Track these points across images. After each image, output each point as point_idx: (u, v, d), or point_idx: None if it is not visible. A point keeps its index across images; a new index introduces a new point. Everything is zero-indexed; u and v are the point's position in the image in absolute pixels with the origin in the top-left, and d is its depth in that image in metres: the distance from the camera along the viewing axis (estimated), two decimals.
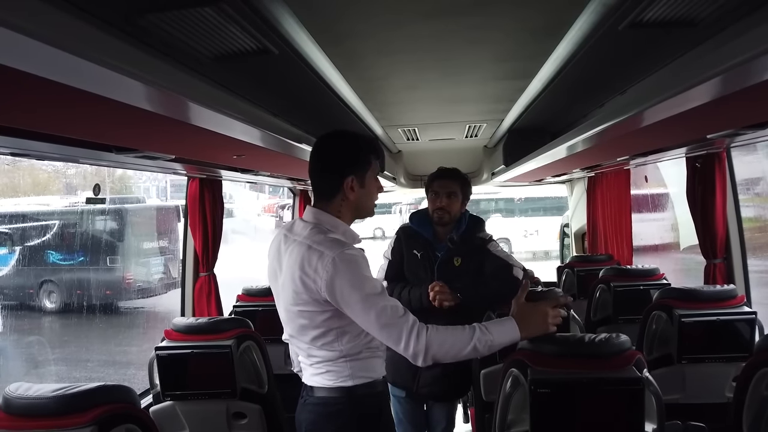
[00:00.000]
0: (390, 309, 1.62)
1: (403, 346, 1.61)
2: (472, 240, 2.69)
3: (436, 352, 1.61)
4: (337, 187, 1.73)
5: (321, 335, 1.68)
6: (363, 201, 1.78)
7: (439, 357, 1.63)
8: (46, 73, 0.93)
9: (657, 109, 1.55)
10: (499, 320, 1.73)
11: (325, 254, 1.61)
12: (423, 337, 1.60)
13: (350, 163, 1.74)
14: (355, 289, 1.60)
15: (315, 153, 1.80)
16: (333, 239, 1.66)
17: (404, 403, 2.74)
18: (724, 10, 1.35)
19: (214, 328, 2.40)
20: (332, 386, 1.72)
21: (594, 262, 4.24)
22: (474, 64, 2.18)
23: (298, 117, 2.40)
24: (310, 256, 1.63)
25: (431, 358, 1.62)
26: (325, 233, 1.68)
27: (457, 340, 1.64)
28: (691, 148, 2.73)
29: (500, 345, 1.69)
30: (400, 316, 1.62)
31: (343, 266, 1.60)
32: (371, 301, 1.61)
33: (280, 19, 1.47)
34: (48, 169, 9.83)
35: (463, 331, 1.65)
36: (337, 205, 1.75)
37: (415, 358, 1.62)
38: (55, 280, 8.55)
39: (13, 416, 1.50)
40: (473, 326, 1.66)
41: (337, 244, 1.64)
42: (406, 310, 1.65)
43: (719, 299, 2.44)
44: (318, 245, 1.64)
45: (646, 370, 1.71)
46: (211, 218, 3.31)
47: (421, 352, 1.60)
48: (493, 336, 1.66)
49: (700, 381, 2.44)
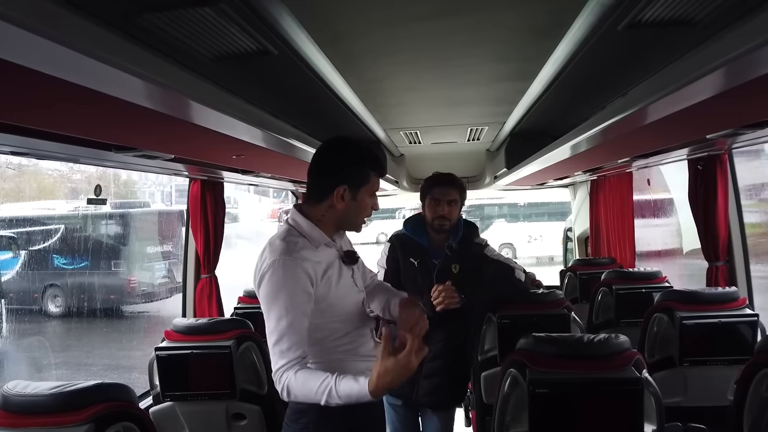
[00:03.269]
0: (276, 340, 1.57)
1: (273, 376, 1.59)
2: (470, 246, 2.67)
3: (294, 397, 1.57)
4: (327, 193, 1.69)
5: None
6: (350, 214, 1.72)
7: (297, 399, 1.58)
8: (48, 69, 0.94)
9: (658, 107, 1.55)
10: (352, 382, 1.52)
11: (266, 256, 1.61)
12: (284, 381, 1.56)
13: (346, 173, 1.69)
14: (267, 298, 1.59)
15: (316, 154, 1.78)
16: (286, 243, 1.62)
17: (400, 412, 2.71)
18: (722, 9, 1.35)
19: (214, 328, 2.40)
20: None
21: (596, 265, 4.24)
22: (474, 65, 2.18)
23: (297, 118, 2.40)
24: (261, 255, 1.64)
25: (288, 398, 1.58)
26: (289, 236, 1.65)
27: (311, 393, 1.53)
28: (692, 150, 2.73)
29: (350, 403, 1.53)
30: (277, 353, 1.57)
31: (268, 274, 1.58)
32: (269, 319, 1.59)
33: (280, 19, 1.47)
34: (53, 174, 9.90)
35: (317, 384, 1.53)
36: (322, 210, 1.71)
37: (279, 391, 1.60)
38: (59, 285, 8.58)
39: (12, 413, 1.51)
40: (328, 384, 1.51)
41: (283, 250, 1.60)
42: (293, 346, 1.57)
43: (721, 301, 2.43)
44: (270, 245, 1.64)
45: (645, 371, 1.71)
46: (212, 220, 3.32)
47: (279, 391, 1.58)
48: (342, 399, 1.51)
49: (701, 384, 2.43)
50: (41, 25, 0.83)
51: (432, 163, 3.95)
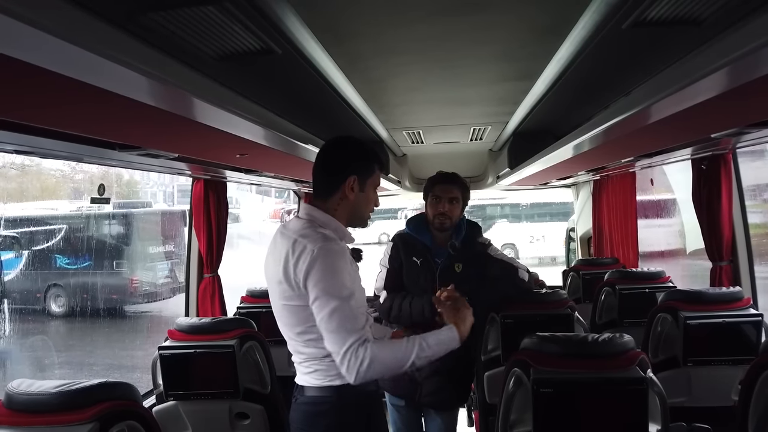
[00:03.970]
0: (344, 317, 1.59)
1: (338, 360, 1.60)
2: (473, 246, 2.67)
3: (366, 377, 1.59)
4: (338, 184, 1.75)
5: (306, 331, 1.67)
6: (359, 206, 1.80)
7: (373, 375, 1.61)
8: (52, 66, 0.94)
9: (661, 106, 1.55)
10: (438, 331, 1.71)
11: (308, 247, 1.62)
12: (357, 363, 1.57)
13: (355, 163, 1.77)
14: (320, 283, 1.60)
15: (321, 151, 1.83)
16: (320, 233, 1.67)
17: (403, 412, 2.70)
18: (727, 8, 1.35)
19: (217, 328, 2.40)
20: (320, 385, 1.71)
21: (599, 265, 4.23)
22: (478, 65, 2.18)
23: (301, 117, 2.40)
24: (294, 248, 1.64)
25: (362, 379, 1.60)
26: (314, 228, 1.69)
27: (397, 358, 1.61)
28: (696, 149, 2.72)
29: (438, 356, 1.68)
30: (347, 329, 1.59)
31: (320, 259, 1.60)
32: (330, 300, 1.59)
33: (284, 18, 1.47)
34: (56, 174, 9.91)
35: (404, 351, 1.62)
36: (334, 203, 1.76)
37: (347, 376, 1.60)
38: (62, 284, 8.60)
39: (16, 412, 1.51)
40: (413, 341, 1.64)
41: (322, 238, 1.64)
42: (363, 325, 1.62)
43: (725, 301, 2.42)
44: (303, 238, 1.65)
45: (650, 371, 1.70)
46: (215, 220, 3.33)
47: (352, 374, 1.58)
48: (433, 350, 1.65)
49: (706, 384, 2.42)
50: (45, 21, 0.83)
51: (434, 162, 3.95)
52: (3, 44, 0.84)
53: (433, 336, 1.67)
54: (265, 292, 3.16)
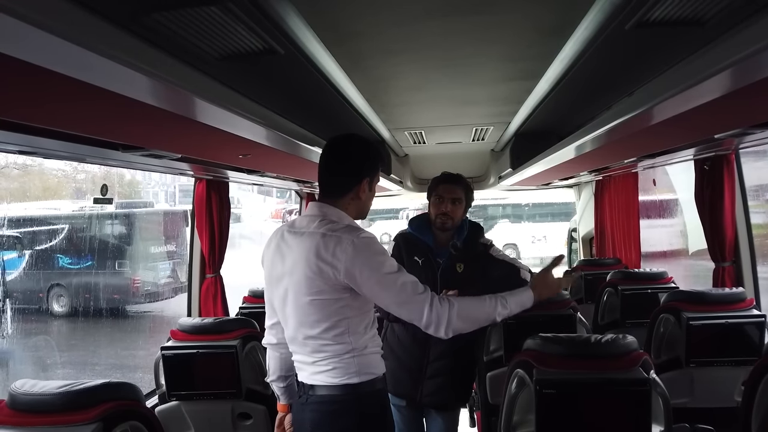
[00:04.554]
0: (410, 286, 1.69)
1: (425, 323, 1.69)
2: (474, 246, 2.66)
3: (456, 327, 1.70)
4: (352, 186, 1.78)
5: (333, 326, 1.69)
6: (367, 204, 1.86)
7: (459, 330, 1.72)
8: (55, 66, 0.94)
9: (665, 106, 1.54)
10: (517, 291, 1.84)
11: (343, 239, 1.66)
12: (445, 313, 1.68)
13: (369, 166, 1.82)
14: (374, 270, 1.67)
15: (334, 152, 1.84)
16: (347, 226, 1.72)
17: (405, 412, 2.70)
18: (731, 9, 1.35)
19: (220, 328, 2.40)
20: (338, 383, 1.71)
21: (602, 265, 4.22)
22: (480, 65, 2.18)
23: (303, 118, 2.40)
24: (326, 242, 1.67)
25: (452, 332, 1.70)
26: (334, 223, 1.73)
27: (479, 315, 1.76)
28: (699, 150, 2.71)
29: (515, 312, 1.82)
30: (419, 293, 1.69)
31: (362, 249, 1.66)
32: (390, 279, 1.68)
33: (286, 18, 1.47)
34: (58, 174, 9.92)
35: (484, 304, 1.76)
36: (345, 203, 1.79)
37: (437, 333, 1.70)
38: (64, 284, 8.61)
39: (19, 412, 1.51)
40: (495, 299, 1.77)
41: (353, 230, 1.70)
42: (425, 287, 1.72)
43: (728, 302, 2.42)
44: (333, 232, 1.69)
45: (653, 371, 1.70)
46: (217, 220, 3.33)
47: (442, 327, 1.68)
48: (511, 307, 1.79)
49: (708, 385, 2.41)
50: (49, 21, 0.83)
51: (436, 163, 3.95)
52: (7, 44, 0.84)
53: (512, 295, 1.80)
54: None
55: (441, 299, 1.71)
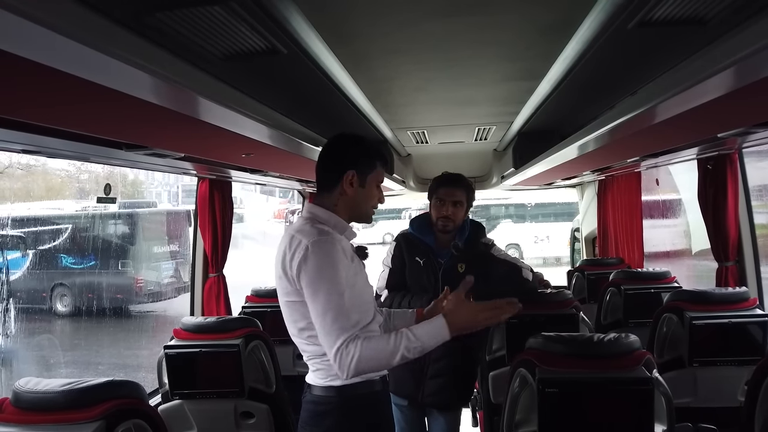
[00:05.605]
0: (336, 313, 1.57)
1: (331, 356, 1.59)
2: (476, 246, 2.66)
3: (359, 369, 1.58)
4: (336, 180, 1.75)
5: (307, 327, 1.68)
6: (360, 202, 1.79)
7: (364, 371, 1.60)
8: (59, 64, 0.95)
9: (668, 106, 1.54)
10: (426, 323, 1.66)
11: (302, 241, 1.63)
12: (348, 358, 1.56)
13: (352, 158, 1.77)
14: (312, 278, 1.59)
15: (324, 147, 1.86)
16: (317, 228, 1.67)
17: (406, 412, 2.70)
18: (733, 7, 1.35)
19: (223, 327, 2.41)
20: (323, 385, 1.72)
21: (604, 265, 4.22)
22: (483, 65, 2.18)
23: (306, 117, 2.41)
24: (290, 243, 1.65)
25: (354, 374, 1.59)
26: (313, 224, 1.70)
27: (385, 355, 1.58)
28: (702, 149, 2.71)
29: (432, 346, 1.63)
30: (339, 326, 1.57)
31: (313, 253, 1.60)
32: (321, 296, 1.58)
33: (290, 18, 1.47)
34: (61, 174, 9.94)
35: (391, 343, 1.58)
36: (334, 199, 1.77)
37: (339, 371, 1.59)
38: (67, 284, 8.62)
39: (23, 410, 1.51)
40: (402, 335, 1.59)
41: (317, 233, 1.64)
42: (357, 322, 1.60)
43: (731, 302, 2.42)
44: (299, 233, 1.66)
45: (655, 371, 1.70)
46: (220, 219, 3.33)
47: (344, 369, 1.57)
48: (423, 341, 1.60)
49: (711, 384, 2.41)
50: (52, 19, 0.83)
51: (439, 162, 3.95)
52: (11, 43, 0.85)
53: (421, 327, 1.62)
54: (270, 291, 3.23)
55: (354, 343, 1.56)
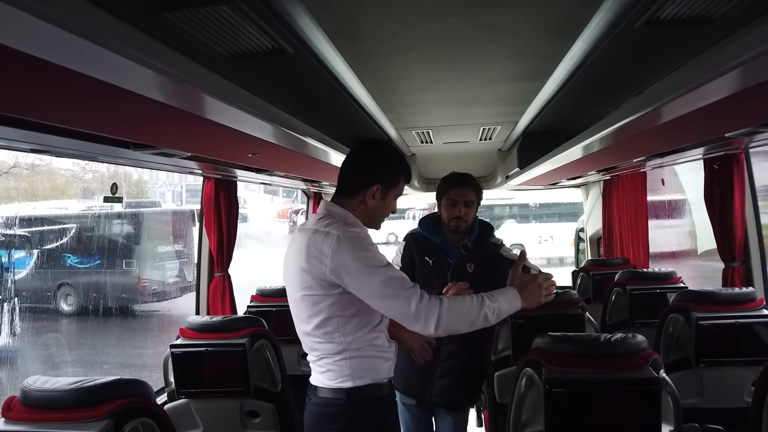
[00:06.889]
0: (396, 281, 1.62)
1: (413, 318, 1.59)
2: (485, 246, 2.67)
3: (448, 322, 1.60)
4: (361, 188, 1.78)
5: (323, 323, 1.69)
6: (376, 212, 1.83)
7: (452, 328, 1.62)
8: (67, 62, 0.95)
9: (674, 106, 1.54)
10: (502, 290, 1.73)
11: (330, 233, 1.65)
12: (435, 308, 1.59)
13: (382, 173, 1.80)
14: (358, 262, 1.62)
15: (353, 152, 1.87)
16: (339, 222, 1.70)
17: (414, 411, 2.71)
18: (741, 7, 1.34)
19: (228, 326, 2.41)
20: (332, 386, 1.72)
21: (609, 265, 4.21)
22: (488, 64, 2.18)
23: (312, 117, 2.41)
24: (315, 238, 1.67)
25: (443, 329, 1.60)
26: (335, 219, 1.73)
27: (469, 310, 1.63)
28: (708, 149, 2.70)
29: (506, 313, 1.70)
30: (407, 288, 1.61)
31: (347, 242, 1.63)
32: (375, 272, 1.62)
33: (296, 18, 1.48)
34: (66, 174, 9.98)
35: (473, 300, 1.65)
36: (354, 205, 1.79)
37: (426, 329, 1.60)
38: (72, 283, 8.66)
39: (31, 408, 1.52)
40: (481, 296, 1.66)
41: (343, 225, 1.68)
42: (415, 284, 1.64)
43: (738, 302, 2.41)
44: (325, 227, 1.68)
45: (662, 371, 1.69)
46: (226, 219, 3.34)
47: (432, 323, 1.58)
48: (501, 304, 1.67)
49: (718, 385, 2.40)
50: (61, 17, 0.83)
51: (443, 162, 3.95)
52: (20, 41, 0.85)
53: (496, 292, 1.69)
54: (275, 291, 3.23)
55: (431, 296, 1.63)
